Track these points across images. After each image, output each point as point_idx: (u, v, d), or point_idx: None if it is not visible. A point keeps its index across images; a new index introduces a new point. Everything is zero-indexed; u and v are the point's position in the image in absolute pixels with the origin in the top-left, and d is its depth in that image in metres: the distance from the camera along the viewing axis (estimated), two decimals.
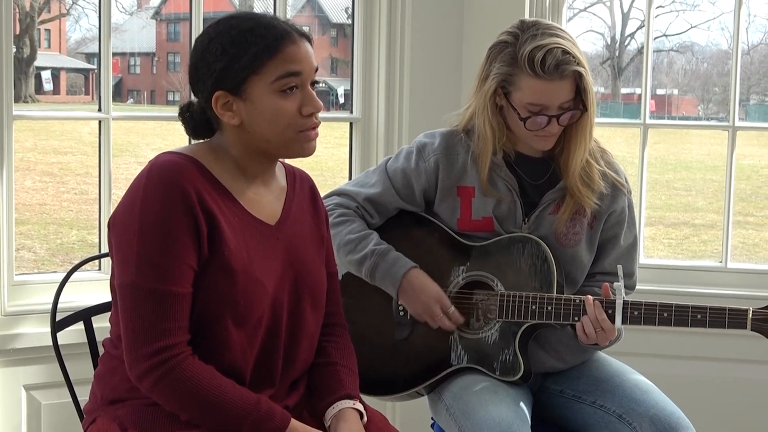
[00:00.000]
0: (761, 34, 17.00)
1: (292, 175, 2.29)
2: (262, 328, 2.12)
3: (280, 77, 2.05)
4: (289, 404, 2.19)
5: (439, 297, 2.56)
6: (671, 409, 2.47)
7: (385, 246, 2.59)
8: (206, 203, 2.03)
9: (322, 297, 2.26)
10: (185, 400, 2.01)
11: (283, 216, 2.20)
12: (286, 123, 2.07)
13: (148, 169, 2.04)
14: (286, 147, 2.11)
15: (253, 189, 2.15)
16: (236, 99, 2.06)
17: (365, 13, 3.61)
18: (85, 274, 3.20)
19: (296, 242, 2.20)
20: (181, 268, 2.00)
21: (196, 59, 2.09)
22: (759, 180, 13.62)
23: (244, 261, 2.07)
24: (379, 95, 3.61)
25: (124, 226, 2.02)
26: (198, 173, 2.05)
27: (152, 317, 1.99)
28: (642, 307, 2.46)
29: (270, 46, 2.04)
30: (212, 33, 2.08)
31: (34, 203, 10.26)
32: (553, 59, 2.42)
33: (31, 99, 13.10)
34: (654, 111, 16.85)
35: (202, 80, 2.08)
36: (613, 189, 2.62)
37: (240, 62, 2.03)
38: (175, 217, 1.99)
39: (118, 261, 2.04)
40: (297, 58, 2.07)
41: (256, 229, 2.13)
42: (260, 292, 2.09)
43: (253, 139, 2.09)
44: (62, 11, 14.35)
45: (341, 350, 2.31)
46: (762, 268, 3.79)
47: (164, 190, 2.00)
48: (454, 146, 2.62)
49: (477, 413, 2.41)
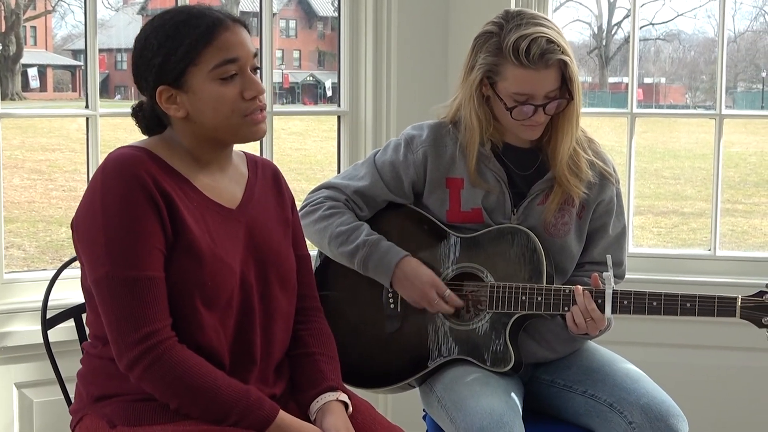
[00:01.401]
0: (748, 21, 17.03)
1: (253, 163, 2.31)
2: (234, 309, 2.13)
3: (217, 65, 2.07)
4: (276, 392, 2.21)
5: (434, 281, 2.56)
6: (662, 397, 2.48)
7: (376, 236, 2.59)
8: (163, 188, 2.05)
9: (291, 278, 2.28)
10: (175, 386, 2.02)
11: (244, 200, 2.22)
12: (230, 109, 2.09)
13: (103, 165, 2.07)
14: (235, 133, 2.13)
15: (210, 176, 2.18)
16: (179, 92, 2.08)
17: (351, 5, 3.60)
18: (75, 272, 3.17)
19: (260, 225, 2.22)
20: (151, 252, 2.02)
21: (135, 57, 2.11)
22: (747, 167, 13.65)
23: (208, 243, 2.08)
24: (366, 88, 3.61)
25: (88, 224, 2.04)
26: (152, 162, 2.08)
27: (132, 304, 2.00)
28: (631, 296, 2.47)
29: (203, 35, 2.06)
30: (148, 29, 2.11)
31: (23, 201, 10.23)
32: (537, 48, 2.43)
33: (18, 96, 13.05)
34: (641, 100, 16.86)
35: (143, 77, 2.11)
36: (601, 178, 2.63)
37: (176, 55, 2.06)
38: (137, 203, 2.01)
39: (87, 259, 2.06)
40: (232, 45, 2.09)
41: (216, 213, 2.15)
42: (227, 273, 2.11)
43: (200, 129, 2.12)
44: (48, 8, 14.30)
45: (318, 337, 2.33)
46: (751, 255, 3.80)
47: (122, 181, 2.02)
48: (442, 138, 2.62)
49: (468, 404, 2.41)
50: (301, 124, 13.37)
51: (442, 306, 2.56)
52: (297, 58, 17.23)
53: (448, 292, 2.56)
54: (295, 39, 17.19)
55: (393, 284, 2.58)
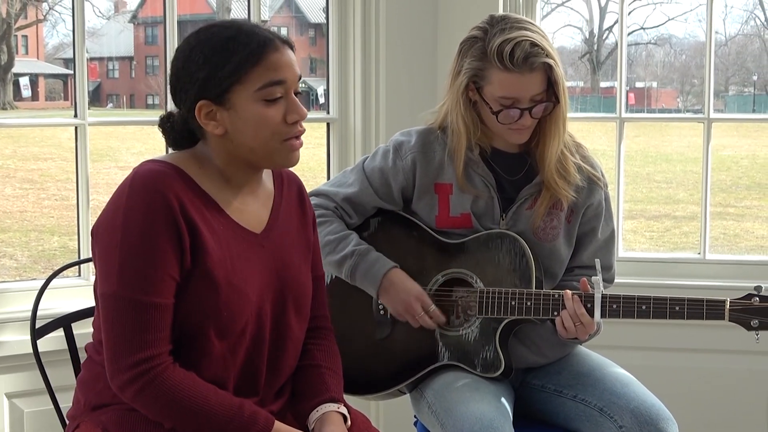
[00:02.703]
0: (739, 25, 17.08)
1: (279, 178, 2.26)
2: (246, 339, 2.11)
3: (264, 86, 2.02)
4: (274, 409, 2.19)
5: (420, 295, 2.56)
6: (652, 401, 2.48)
7: (365, 246, 2.59)
8: (189, 213, 2.01)
9: (307, 304, 2.25)
10: (167, 409, 2.00)
11: (269, 224, 2.18)
12: (270, 132, 2.05)
13: (131, 178, 2.02)
14: (270, 157, 2.09)
15: (240, 198, 2.14)
16: (220, 108, 2.03)
17: (340, 12, 3.61)
18: (65, 281, 3.19)
19: (282, 249, 2.18)
20: (163, 279, 1.98)
21: (177, 68, 2.05)
22: (739, 171, 13.68)
23: (227, 271, 2.05)
24: (355, 95, 3.61)
25: (107, 236, 2.01)
26: (182, 182, 2.03)
27: (133, 328, 1.98)
28: (620, 300, 2.47)
29: (253, 53, 2.01)
30: (193, 41, 2.05)
31: (15, 210, 10.22)
32: (521, 52, 2.43)
33: (10, 106, 13.06)
34: (633, 104, 16.91)
35: (184, 90, 2.05)
36: (590, 182, 2.63)
37: (223, 71, 2.00)
38: (158, 228, 1.97)
39: (100, 270, 2.03)
40: (281, 66, 2.04)
41: (242, 238, 2.11)
42: (243, 303, 2.08)
43: (237, 148, 2.07)
44: (39, 17, 14.30)
45: (326, 353, 2.31)
46: (740, 258, 3.81)
47: (147, 200, 1.98)
48: (431, 144, 2.63)
49: (458, 410, 2.41)
50: None
51: (426, 320, 2.55)
52: None
53: (432, 307, 2.56)
54: None
55: (379, 295, 2.58)
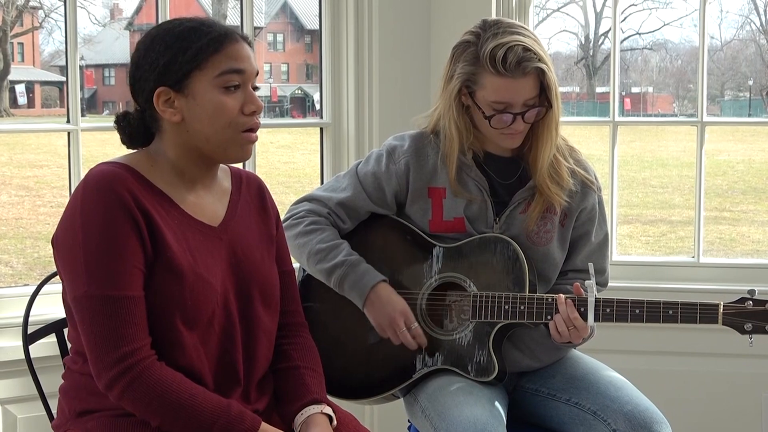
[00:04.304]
0: (734, 30, 17.10)
1: (238, 177, 2.30)
2: (216, 329, 2.13)
3: (223, 72, 2.07)
4: (260, 408, 2.20)
5: (405, 311, 2.55)
6: (645, 404, 2.48)
7: (355, 257, 2.58)
8: (143, 205, 2.04)
9: (274, 295, 2.27)
10: (155, 405, 2.01)
11: (226, 218, 2.21)
12: (227, 120, 2.09)
13: (83, 182, 2.05)
14: (224, 148, 2.12)
15: (194, 193, 2.17)
16: (178, 95, 2.07)
17: (333, 17, 3.61)
18: (57, 287, 3.16)
19: (241, 243, 2.21)
20: (130, 271, 2.01)
21: (138, 57, 2.10)
22: (734, 175, 13.69)
23: (189, 261, 2.07)
24: (348, 100, 3.61)
25: (68, 241, 2.03)
26: (134, 180, 2.06)
27: (111, 324, 1.99)
28: (614, 304, 2.47)
29: (214, 41, 2.07)
30: (154, 33, 2.11)
31: (11, 218, 10.21)
32: (514, 56, 2.43)
33: (6, 113, 13.04)
34: (629, 109, 16.93)
35: (144, 78, 2.09)
36: (583, 186, 2.63)
37: (184, 56, 2.06)
38: (117, 222, 2.00)
39: (67, 276, 2.05)
40: (240, 57, 2.10)
41: (198, 231, 2.14)
42: (208, 292, 2.10)
43: (192, 137, 2.10)
44: (35, 24, 14.29)
45: (302, 351, 2.32)
46: (734, 262, 3.81)
47: (102, 199, 2.01)
48: (424, 148, 2.62)
49: (452, 414, 2.41)
50: (290, 137, 13.39)
51: (407, 337, 2.54)
52: (285, 71, 17.25)
53: (416, 324, 2.55)
54: (282, 52, 17.22)
55: (365, 307, 2.57)
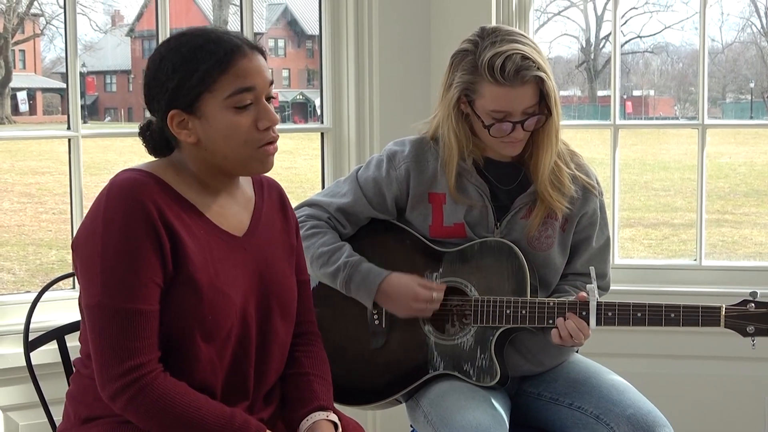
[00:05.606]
0: (735, 32, 17.10)
1: (259, 184, 2.26)
2: (232, 342, 2.11)
3: (233, 93, 2.02)
4: (264, 417, 2.19)
5: (419, 281, 2.54)
6: (648, 408, 2.47)
7: (357, 257, 2.59)
8: (168, 218, 2.01)
9: (292, 306, 2.25)
10: (159, 418, 2.00)
11: (251, 227, 2.18)
12: (242, 139, 2.05)
13: (108, 188, 2.02)
14: (244, 164, 2.09)
15: (219, 202, 2.14)
16: (191, 117, 2.03)
17: (332, 23, 3.61)
18: (59, 293, 3.19)
19: (265, 252, 2.18)
20: (146, 285, 1.98)
21: (148, 79, 2.06)
22: (737, 178, 13.69)
23: (209, 275, 2.05)
24: (349, 104, 3.61)
25: (88, 247, 2.01)
26: (159, 189, 2.03)
27: (120, 336, 1.97)
28: (616, 307, 2.47)
29: (220, 61, 2.01)
30: (163, 51, 2.06)
31: (13, 225, 10.22)
32: (512, 65, 2.42)
33: (8, 120, 13.07)
34: (631, 113, 16.93)
35: (156, 99, 2.06)
36: (584, 191, 2.63)
37: (191, 80, 2.01)
38: (138, 235, 1.97)
39: (83, 282, 2.03)
40: (249, 73, 2.04)
41: (223, 240, 2.11)
42: (228, 306, 2.07)
43: (211, 156, 2.07)
44: (36, 31, 14.32)
45: (314, 359, 2.30)
46: (736, 264, 3.81)
47: (125, 208, 1.98)
48: (424, 153, 2.62)
49: (455, 418, 2.40)
50: (291, 142, 13.39)
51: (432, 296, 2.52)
52: (286, 77, 17.29)
53: (435, 284, 2.55)
54: (284, 58, 17.26)
55: (381, 303, 2.57)
